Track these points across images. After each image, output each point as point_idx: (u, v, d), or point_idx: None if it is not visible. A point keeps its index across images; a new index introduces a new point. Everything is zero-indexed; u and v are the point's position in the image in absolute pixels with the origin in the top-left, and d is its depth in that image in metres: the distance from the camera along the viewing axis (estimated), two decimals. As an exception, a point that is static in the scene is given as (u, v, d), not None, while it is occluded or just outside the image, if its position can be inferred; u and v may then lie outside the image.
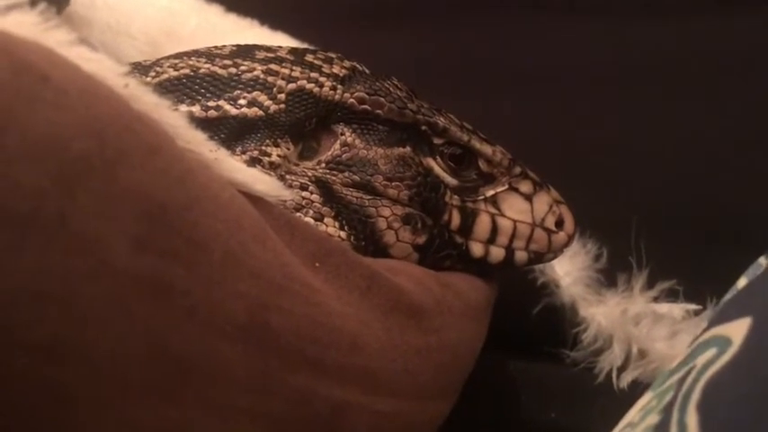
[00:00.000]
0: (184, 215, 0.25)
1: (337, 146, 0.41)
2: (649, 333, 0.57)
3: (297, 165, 0.41)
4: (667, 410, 0.26)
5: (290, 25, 0.66)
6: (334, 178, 0.40)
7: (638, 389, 0.54)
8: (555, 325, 0.57)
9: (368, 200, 0.40)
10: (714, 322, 0.29)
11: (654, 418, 0.27)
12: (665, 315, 0.58)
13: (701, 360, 0.27)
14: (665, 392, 0.27)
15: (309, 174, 0.40)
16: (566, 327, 0.57)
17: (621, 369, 0.56)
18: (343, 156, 0.41)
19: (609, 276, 0.60)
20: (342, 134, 0.41)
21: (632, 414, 0.29)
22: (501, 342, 0.47)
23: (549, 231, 0.44)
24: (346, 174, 0.40)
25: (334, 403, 0.30)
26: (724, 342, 0.27)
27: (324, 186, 0.40)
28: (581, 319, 0.57)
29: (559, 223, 0.44)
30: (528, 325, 0.57)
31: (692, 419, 0.24)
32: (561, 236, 0.44)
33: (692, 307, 0.58)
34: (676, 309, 0.59)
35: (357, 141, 0.41)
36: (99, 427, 0.22)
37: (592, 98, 0.68)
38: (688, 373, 0.27)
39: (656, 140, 0.66)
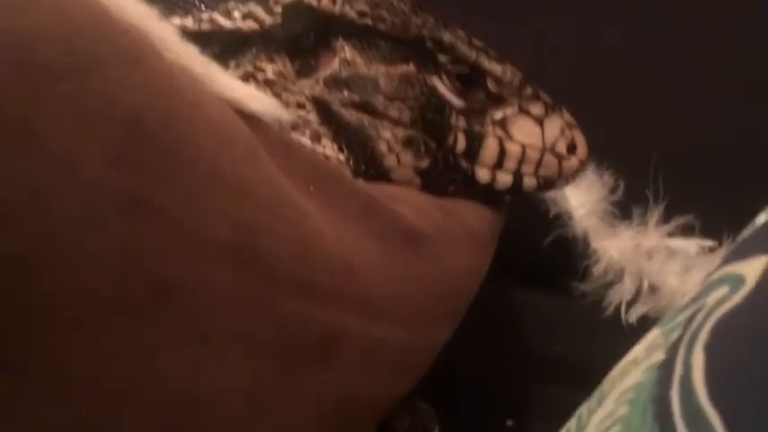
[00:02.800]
0: (166, 130, 0.24)
1: (336, 63, 0.39)
2: (662, 268, 0.56)
3: (293, 83, 0.39)
4: (674, 349, 0.25)
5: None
6: (332, 97, 0.38)
7: (646, 324, 0.53)
8: (565, 257, 0.56)
9: (368, 121, 0.39)
10: (728, 259, 0.27)
11: (659, 356, 0.25)
12: (679, 250, 0.57)
13: (711, 298, 0.25)
14: (672, 330, 0.26)
15: (307, 92, 0.38)
16: (576, 259, 0.56)
17: (631, 303, 0.55)
18: (343, 73, 0.39)
19: (624, 209, 0.58)
20: (341, 50, 0.39)
21: (638, 350, 0.28)
22: (508, 272, 0.46)
23: (559, 157, 0.42)
24: (345, 93, 0.38)
25: (326, 329, 0.29)
26: (737, 280, 0.25)
27: (322, 106, 0.38)
28: (592, 252, 0.56)
29: (571, 148, 0.42)
30: (537, 256, 0.56)
31: (698, 360, 0.23)
32: (573, 161, 0.42)
33: (708, 243, 0.57)
34: (691, 244, 0.57)
35: (357, 58, 0.39)
36: (69, 349, 0.21)
37: (616, 23, 0.64)
38: (697, 311, 0.25)
39: (682, 70, 0.63)
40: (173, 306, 0.23)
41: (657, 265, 0.56)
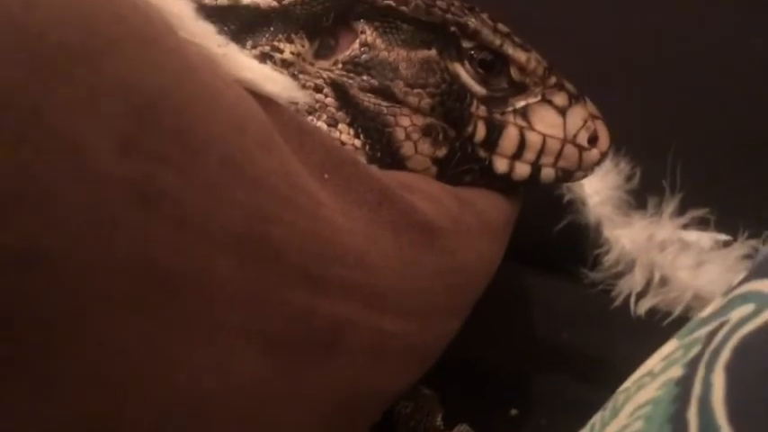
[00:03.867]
0: (179, 116, 0.23)
1: (356, 45, 0.38)
2: (674, 261, 0.55)
3: (311, 64, 0.38)
4: (693, 365, 0.24)
5: None
6: (351, 81, 0.37)
7: (655, 317, 0.53)
8: (577, 244, 0.56)
9: (386, 107, 0.37)
10: (755, 274, 0.26)
11: (677, 371, 0.25)
12: (692, 243, 0.56)
13: (735, 315, 0.24)
14: (692, 344, 0.25)
15: (325, 75, 0.37)
16: (587, 246, 0.55)
17: (641, 295, 0.54)
18: (362, 56, 0.37)
19: (639, 198, 0.57)
20: (362, 32, 0.38)
21: (654, 362, 0.27)
22: (519, 256, 0.46)
23: (580, 148, 0.41)
24: (364, 77, 0.37)
25: (335, 321, 0.29)
26: (764, 299, 0.24)
27: (339, 89, 0.37)
28: (604, 240, 0.55)
29: (593, 140, 0.41)
30: (548, 242, 0.55)
31: (719, 379, 0.22)
32: (593, 153, 0.41)
33: (722, 237, 0.56)
34: (705, 238, 0.56)
35: (378, 41, 0.37)
36: (75, 344, 0.20)
37: (635, 9, 0.63)
38: (720, 326, 0.25)
39: (704, 60, 0.61)
40: (182, 300, 0.23)
41: (670, 257, 0.55)
